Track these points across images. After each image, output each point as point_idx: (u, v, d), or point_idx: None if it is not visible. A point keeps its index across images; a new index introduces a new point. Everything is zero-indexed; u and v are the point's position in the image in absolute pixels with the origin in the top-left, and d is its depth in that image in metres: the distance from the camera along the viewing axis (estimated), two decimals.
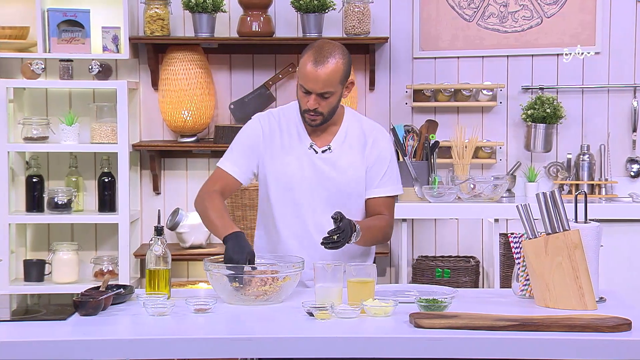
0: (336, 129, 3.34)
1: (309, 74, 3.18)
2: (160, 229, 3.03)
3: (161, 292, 2.96)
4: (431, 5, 5.08)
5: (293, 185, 3.30)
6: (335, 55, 3.20)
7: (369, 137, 3.36)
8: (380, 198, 3.36)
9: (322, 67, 3.17)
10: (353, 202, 3.33)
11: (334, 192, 3.30)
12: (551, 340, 2.57)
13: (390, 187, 3.38)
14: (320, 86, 3.19)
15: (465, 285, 4.85)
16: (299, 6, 4.87)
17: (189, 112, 4.90)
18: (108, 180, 4.95)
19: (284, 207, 3.31)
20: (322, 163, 3.31)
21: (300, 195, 3.30)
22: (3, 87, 4.76)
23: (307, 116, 3.26)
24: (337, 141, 3.33)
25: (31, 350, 2.55)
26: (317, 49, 3.21)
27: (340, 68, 3.20)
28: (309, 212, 3.30)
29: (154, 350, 2.57)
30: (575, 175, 5.06)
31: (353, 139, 3.34)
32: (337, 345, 2.58)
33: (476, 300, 3.04)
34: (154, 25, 4.90)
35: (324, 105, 3.23)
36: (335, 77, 3.20)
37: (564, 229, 2.91)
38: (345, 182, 3.31)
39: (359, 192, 3.34)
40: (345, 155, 3.32)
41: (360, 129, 3.37)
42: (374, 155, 3.35)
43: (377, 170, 3.35)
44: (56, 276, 4.86)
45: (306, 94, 3.22)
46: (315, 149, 3.31)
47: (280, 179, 3.31)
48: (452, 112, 5.13)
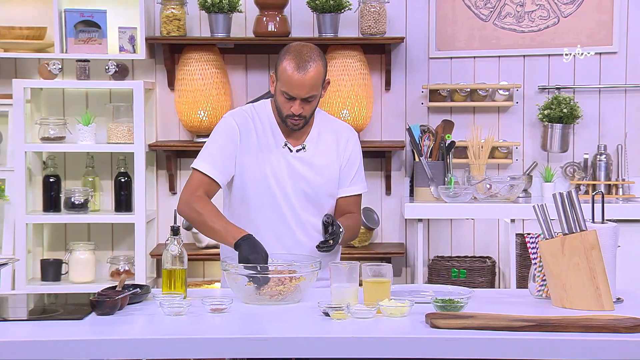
0: (308, 129, 3.35)
1: (292, 80, 3.17)
2: (176, 229, 3.03)
3: (177, 292, 2.96)
4: (447, 5, 5.07)
5: (270, 182, 3.28)
6: (314, 58, 3.20)
7: (341, 137, 3.38)
8: (352, 197, 3.40)
9: (305, 72, 3.17)
10: (326, 201, 3.35)
11: (309, 191, 3.31)
12: (568, 341, 2.56)
13: (361, 186, 3.43)
14: (305, 91, 3.19)
15: (481, 286, 4.83)
16: (315, 6, 4.87)
17: (205, 112, 4.91)
18: (124, 180, 4.96)
19: (262, 204, 3.28)
20: (297, 162, 3.31)
21: (278, 192, 3.28)
22: (20, 88, 4.78)
23: (291, 121, 3.25)
24: (310, 141, 3.34)
25: (48, 350, 2.56)
26: (296, 54, 3.19)
27: (321, 70, 3.21)
28: (288, 208, 3.29)
29: (170, 350, 2.57)
30: (592, 175, 5.04)
31: (326, 138, 3.36)
32: (353, 346, 2.58)
33: (492, 301, 3.03)
34: (170, 26, 4.91)
35: (307, 109, 3.24)
36: (318, 80, 3.21)
37: (581, 229, 2.90)
38: (321, 181, 3.32)
39: (333, 190, 3.36)
40: (320, 155, 3.34)
41: (332, 128, 3.39)
42: (347, 154, 3.38)
43: (349, 170, 3.38)
44: (73, 276, 4.88)
45: (290, 99, 3.21)
46: (289, 148, 3.31)
47: (258, 176, 3.28)
48: (468, 112, 5.12)
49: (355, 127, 4.93)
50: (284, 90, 3.20)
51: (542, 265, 2.99)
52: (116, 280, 4.78)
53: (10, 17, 5.00)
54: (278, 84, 3.23)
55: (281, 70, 3.19)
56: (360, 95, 4.90)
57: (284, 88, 3.20)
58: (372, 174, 5.11)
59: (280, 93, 3.22)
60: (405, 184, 5.07)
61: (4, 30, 4.89)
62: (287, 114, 3.24)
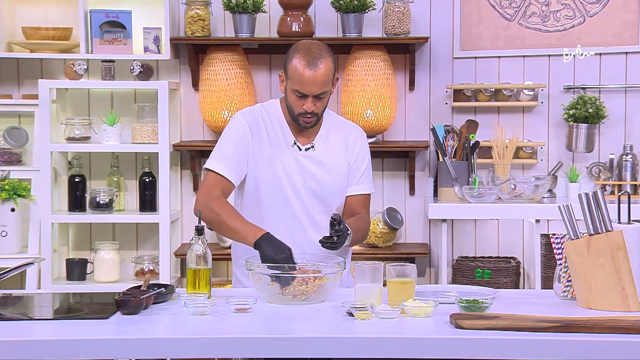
0: (317, 128, 3.35)
1: (305, 78, 3.17)
2: (200, 229, 3.04)
3: (202, 292, 2.97)
4: (472, 5, 5.05)
5: (282, 180, 3.29)
6: (323, 54, 3.21)
7: (349, 136, 3.38)
8: (359, 195, 3.39)
9: (317, 69, 3.18)
10: (335, 200, 3.35)
11: (318, 189, 3.31)
12: (594, 342, 2.55)
13: (368, 186, 3.42)
14: (317, 88, 3.19)
15: (505, 286, 4.82)
16: (339, 6, 4.87)
17: (229, 112, 4.92)
18: (149, 180, 4.98)
19: (274, 203, 3.29)
20: (307, 160, 3.31)
21: (289, 189, 3.29)
22: (46, 88, 4.81)
23: (303, 119, 3.25)
24: (319, 140, 3.34)
25: (73, 349, 2.57)
26: (305, 52, 3.20)
27: (331, 67, 3.22)
28: (299, 206, 3.29)
29: (194, 350, 2.58)
30: (617, 175, 5.00)
31: (335, 137, 3.36)
32: (377, 346, 2.58)
33: (517, 301, 3.02)
34: (195, 26, 4.92)
35: (319, 106, 3.24)
36: (329, 76, 3.22)
37: (606, 229, 2.89)
38: (330, 179, 3.32)
39: (342, 189, 3.36)
40: (329, 154, 3.34)
41: (341, 128, 3.39)
42: (355, 153, 3.38)
43: (357, 168, 3.38)
44: (98, 275, 4.90)
45: (301, 97, 3.21)
46: (299, 146, 3.32)
47: (269, 174, 3.29)
48: (492, 112, 5.10)
49: (379, 127, 4.93)
50: (296, 89, 3.20)
51: (567, 265, 2.97)
52: (141, 279, 4.80)
53: (36, 18, 5.03)
54: (288, 82, 3.23)
55: (291, 68, 3.20)
56: (384, 96, 4.89)
57: (295, 86, 3.20)
58: (396, 174, 5.11)
59: (292, 92, 3.22)
60: (429, 184, 5.06)
61: (30, 31, 4.92)
62: (299, 112, 3.24)
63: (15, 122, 5.06)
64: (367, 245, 5.02)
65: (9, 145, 4.97)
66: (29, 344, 2.58)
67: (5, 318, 2.83)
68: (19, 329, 2.71)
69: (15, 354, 2.56)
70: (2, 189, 4.76)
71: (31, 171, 4.93)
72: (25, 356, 2.56)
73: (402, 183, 5.12)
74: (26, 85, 5.09)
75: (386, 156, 5.09)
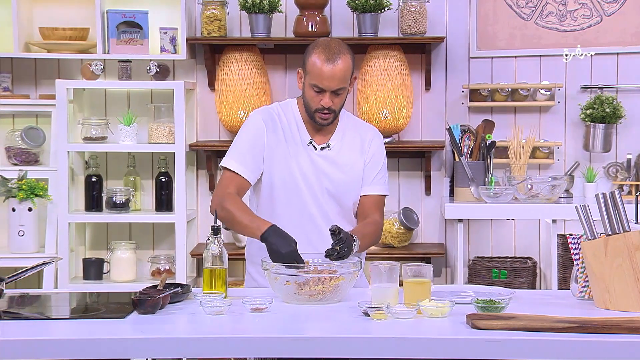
0: (333, 128, 3.35)
1: (323, 72, 3.19)
2: (217, 229, 3.04)
3: (218, 291, 2.98)
4: (488, 4, 5.04)
5: (297, 179, 3.29)
6: (343, 51, 3.22)
7: (365, 136, 3.38)
8: (372, 196, 3.37)
9: (335, 64, 3.19)
10: (350, 199, 3.35)
11: (332, 189, 3.31)
12: (612, 343, 2.54)
13: (383, 187, 3.40)
14: (335, 83, 3.20)
15: (522, 287, 4.80)
16: (355, 6, 4.87)
17: (245, 112, 4.93)
18: (165, 180, 4.99)
19: (289, 201, 3.29)
20: (322, 160, 3.32)
21: (304, 188, 3.29)
22: (63, 88, 4.83)
23: (320, 115, 3.26)
24: (335, 139, 3.34)
25: (90, 348, 2.58)
26: (325, 47, 3.21)
27: (350, 63, 3.23)
28: (314, 205, 3.29)
29: (211, 349, 2.58)
30: (635, 175, 4.98)
31: (350, 137, 3.36)
32: (393, 346, 2.57)
33: (534, 302, 3.01)
34: (211, 26, 4.93)
35: (336, 102, 3.25)
36: (348, 72, 3.23)
37: (624, 230, 2.87)
38: (344, 179, 3.32)
39: (357, 189, 3.36)
40: (345, 153, 3.34)
41: (356, 128, 3.40)
42: (370, 154, 3.37)
43: (372, 169, 3.37)
44: (114, 275, 4.92)
45: (319, 93, 3.22)
46: (314, 145, 3.32)
47: (285, 172, 3.29)
48: (509, 112, 5.09)
49: (395, 127, 4.93)
50: (314, 83, 3.21)
51: (584, 266, 2.96)
52: (157, 279, 4.81)
53: (53, 18, 5.05)
54: (307, 78, 3.24)
55: (310, 63, 3.21)
56: (401, 95, 4.89)
57: (314, 81, 3.21)
58: (412, 174, 5.10)
59: (310, 87, 3.23)
60: (445, 184, 5.05)
61: (47, 31, 4.94)
62: (316, 107, 3.25)
63: (32, 122, 5.08)
64: (383, 245, 5.01)
65: (26, 145, 4.99)
66: (46, 343, 2.59)
67: (23, 317, 2.84)
68: (36, 328, 2.72)
69: (32, 354, 2.57)
70: (19, 189, 4.78)
71: (48, 171, 4.95)
72: (42, 355, 2.57)
73: (418, 183, 5.11)
74: (43, 86, 5.11)
75: (402, 156, 5.09)
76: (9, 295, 3.12)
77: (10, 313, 2.88)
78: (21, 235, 4.83)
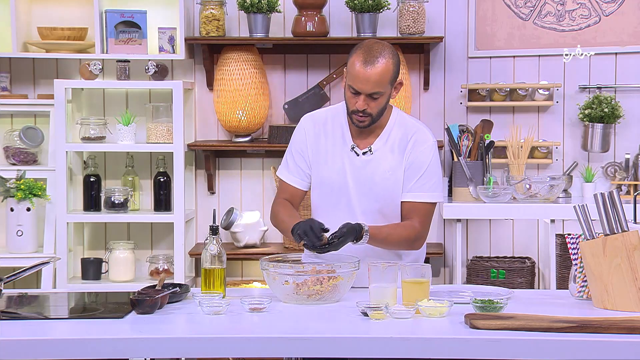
0: (380, 131, 3.32)
1: (358, 74, 3.17)
2: (215, 229, 3.04)
3: (216, 291, 2.98)
4: (487, 4, 5.04)
5: (334, 188, 3.30)
6: (384, 55, 3.19)
7: (410, 139, 3.31)
8: (412, 203, 3.29)
9: (372, 67, 3.16)
10: (390, 205, 3.31)
11: (372, 195, 3.29)
12: (610, 343, 2.54)
13: (424, 194, 3.29)
14: (370, 87, 3.18)
15: (520, 287, 4.80)
16: (353, 6, 4.87)
17: (244, 112, 4.93)
18: (163, 180, 4.99)
19: (330, 207, 3.30)
20: (363, 165, 3.30)
21: (344, 195, 3.29)
22: (62, 88, 4.83)
23: (355, 117, 3.24)
24: (378, 143, 3.31)
25: (89, 348, 2.58)
26: (366, 49, 3.19)
27: (390, 68, 3.19)
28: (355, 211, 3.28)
29: (209, 349, 2.59)
30: (633, 175, 4.98)
31: (395, 141, 3.31)
32: (392, 346, 2.57)
33: (532, 302, 3.01)
34: (210, 26, 4.93)
35: (372, 106, 3.21)
36: (385, 77, 3.19)
37: (622, 230, 2.87)
38: (384, 185, 3.29)
39: (397, 195, 3.31)
40: (386, 159, 3.30)
41: (404, 130, 3.33)
42: (411, 158, 3.30)
43: (411, 174, 3.29)
44: (113, 274, 4.92)
45: (355, 94, 3.21)
46: (356, 152, 3.30)
47: (324, 182, 3.32)
48: (507, 112, 5.09)
49: None
50: (350, 84, 3.21)
51: (582, 266, 2.96)
52: (155, 279, 4.81)
53: (51, 18, 5.05)
54: (347, 78, 3.24)
55: (350, 64, 3.21)
56: (399, 95, 4.88)
57: (350, 82, 3.21)
58: None
59: (348, 87, 3.23)
60: (444, 184, 5.05)
61: (45, 31, 4.94)
62: (352, 109, 3.24)
63: (30, 122, 5.08)
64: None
65: (24, 145, 4.99)
66: (45, 343, 2.59)
67: (21, 317, 2.84)
68: (35, 328, 2.72)
69: (31, 353, 2.57)
70: (17, 189, 4.78)
71: (47, 171, 4.95)
72: (40, 355, 2.57)
73: None
74: (42, 85, 5.11)
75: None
76: (7, 295, 3.12)
77: (9, 313, 2.87)
78: (19, 235, 4.82)
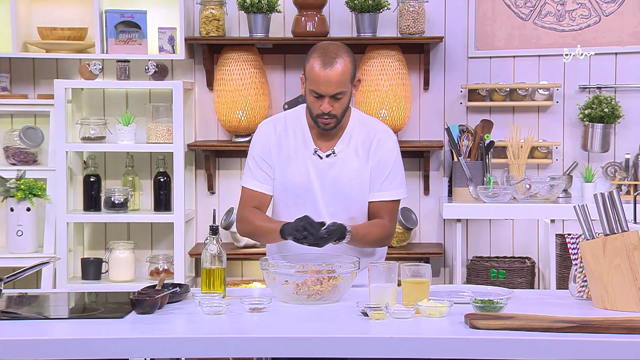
0: (341, 133, 3.32)
1: (319, 77, 3.17)
2: (215, 228, 3.05)
3: (216, 291, 2.98)
4: (487, 4, 5.04)
5: (299, 191, 3.30)
6: (341, 54, 3.20)
7: (373, 139, 3.32)
8: (381, 202, 3.32)
9: (332, 68, 3.17)
10: (357, 206, 3.31)
11: (339, 197, 3.29)
12: (610, 343, 2.54)
13: (392, 192, 3.33)
14: (332, 88, 3.18)
15: (520, 287, 4.80)
16: (353, 6, 4.87)
17: (244, 112, 4.93)
18: (164, 180, 4.99)
19: (297, 210, 3.27)
20: (327, 168, 3.30)
21: (307, 200, 3.29)
22: (62, 88, 4.83)
23: (321, 120, 3.24)
24: (341, 145, 3.31)
25: (89, 348, 2.58)
26: (322, 52, 3.20)
27: (348, 67, 3.20)
28: (321, 213, 3.27)
29: (209, 349, 2.59)
30: (633, 175, 4.98)
31: (358, 142, 3.32)
32: (392, 346, 2.58)
33: (532, 302, 3.01)
34: (210, 26, 4.93)
35: (337, 107, 3.22)
36: (346, 76, 3.20)
37: (622, 230, 2.87)
38: (350, 187, 3.29)
39: (364, 196, 3.32)
40: (350, 160, 3.30)
41: (366, 131, 3.34)
42: (377, 158, 3.31)
43: (378, 174, 3.31)
44: (113, 274, 4.92)
45: (318, 98, 3.21)
46: (319, 155, 3.30)
47: (288, 184, 3.32)
48: (507, 112, 5.09)
49: (393, 127, 4.92)
50: (312, 89, 3.20)
51: (582, 266, 2.96)
52: (155, 279, 4.81)
53: (51, 18, 5.05)
54: (307, 83, 3.23)
55: (308, 69, 3.21)
56: (399, 95, 4.89)
57: (312, 86, 3.20)
58: (411, 174, 5.10)
59: (310, 92, 3.22)
60: (444, 184, 5.05)
61: (45, 31, 4.94)
62: (317, 113, 3.23)
63: (30, 122, 5.08)
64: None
65: (24, 145, 4.99)
66: (45, 343, 2.59)
67: (21, 317, 2.84)
68: (35, 328, 2.72)
69: (31, 353, 2.57)
70: (17, 189, 4.78)
71: (47, 171, 4.95)
72: (40, 355, 2.57)
73: (417, 183, 5.11)
74: (42, 85, 5.11)
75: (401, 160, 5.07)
76: (8, 295, 3.12)
77: (9, 313, 2.88)
78: (19, 235, 4.83)
